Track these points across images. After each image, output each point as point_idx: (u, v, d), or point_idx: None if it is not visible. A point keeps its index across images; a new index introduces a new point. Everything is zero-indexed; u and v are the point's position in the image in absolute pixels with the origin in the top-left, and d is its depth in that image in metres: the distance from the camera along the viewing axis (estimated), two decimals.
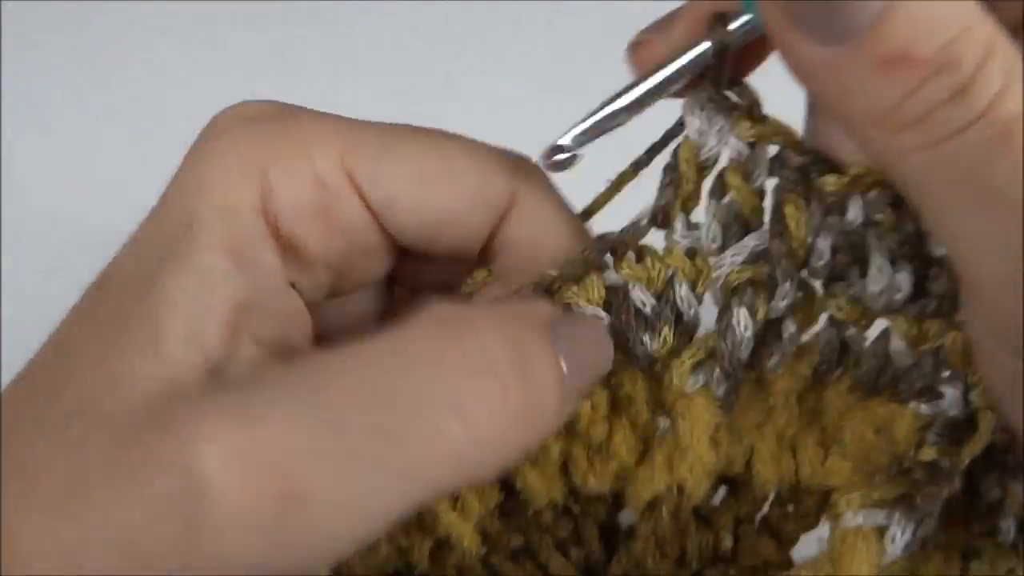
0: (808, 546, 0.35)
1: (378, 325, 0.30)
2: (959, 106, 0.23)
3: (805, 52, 0.25)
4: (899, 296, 0.31)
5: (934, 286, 0.31)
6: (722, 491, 0.36)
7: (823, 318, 0.33)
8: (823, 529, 0.33)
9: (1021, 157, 0.23)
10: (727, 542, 0.35)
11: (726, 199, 0.32)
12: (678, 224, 0.32)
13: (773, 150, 0.32)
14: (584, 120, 0.32)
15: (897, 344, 0.32)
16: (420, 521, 0.33)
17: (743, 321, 0.31)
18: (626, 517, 0.36)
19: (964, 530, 0.33)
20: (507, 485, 0.34)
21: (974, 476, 0.33)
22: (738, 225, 0.32)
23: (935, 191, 0.25)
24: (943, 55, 0.23)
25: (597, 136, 0.32)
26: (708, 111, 0.31)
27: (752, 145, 0.31)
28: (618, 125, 0.32)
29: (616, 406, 0.33)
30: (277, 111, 0.30)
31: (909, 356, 0.32)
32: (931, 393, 0.32)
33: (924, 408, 0.32)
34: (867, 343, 0.33)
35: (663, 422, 0.33)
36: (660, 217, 0.32)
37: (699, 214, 0.33)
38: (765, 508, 0.35)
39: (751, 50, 0.32)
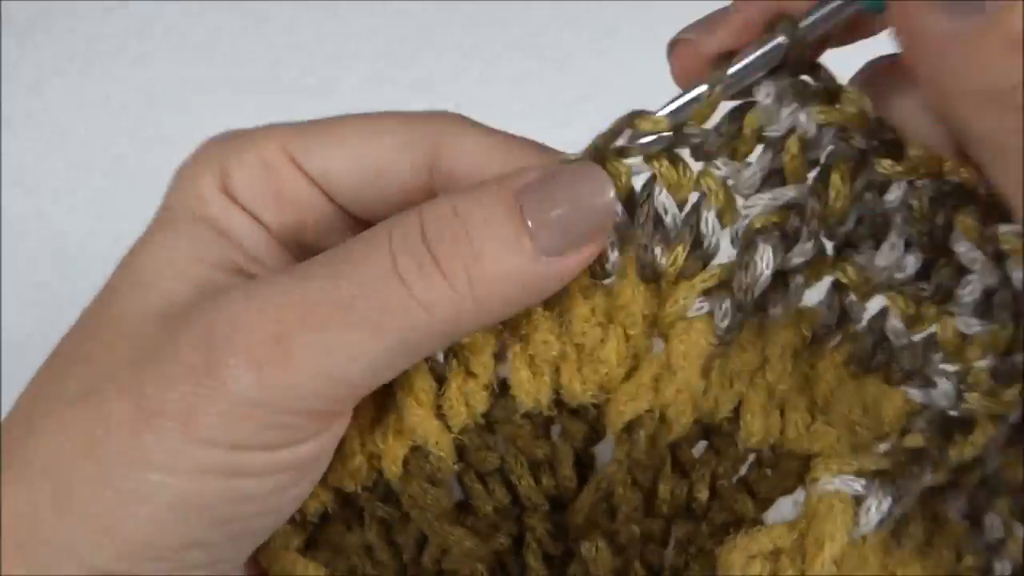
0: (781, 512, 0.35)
1: None
2: None
3: (931, 24, 0.25)
4: (901, 275, 0.32)
5: (937, 275, 0.32)
6: (702, 446, 0.35)
7: (827, 282, 0.33)
8: (799, 497, 0.33)
9: None
10: (702, 494, 0.35)
11: (778, 158, 0.32)
12: (720, 161, 0.32)
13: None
14: (661, 109, 0.32)
15: (894, 322, 0.32)
16: (397, 427, 0.33)
17: (767, 258, 0.31)
18: (603, 454, 0.35)
19: (956, 558, 0.32)
20: (494, 395, 0.34)
21: (978, 507, 0.33)
22: (778, 180, 0.32)
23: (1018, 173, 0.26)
24: None
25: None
26: (782, 91, 0.31)
27: (820, 127, 0.31)
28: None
29: (613, 313, 0.33)
30: (234, 131, 0.36)
31: (904, 336, 0.32)
32: (923, 379, 0.33)
33: (914, 393, 0.32)
34: (865, 319, 0.33)
35: (657, 341, 0.33)
36: (705, 152, 0.32)
37: None
38: (744, 469, 0.35)
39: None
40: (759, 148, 0.32)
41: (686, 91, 0.32)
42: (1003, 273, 0.31)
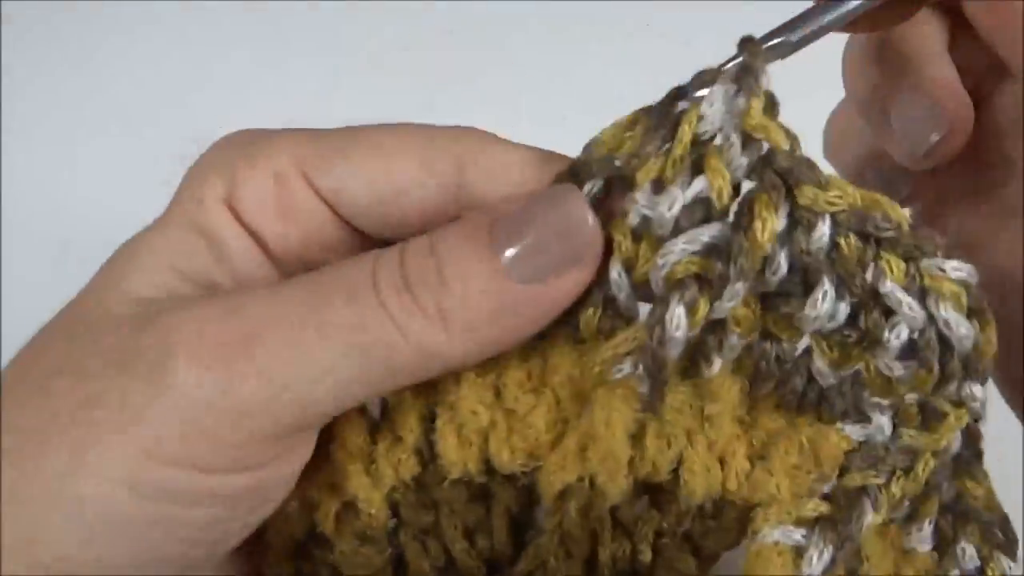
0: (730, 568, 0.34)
1: None
2: None
3: None
4: (831, 325, 0.30)
5: (865, 320, 0.30)
6: (644, 500, 0.33)
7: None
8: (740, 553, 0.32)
9: None
10: (646, 555, 0.33)
11: (699, 180, 0.30)
12: (642, 189, 0.30)
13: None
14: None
15: (819, 364, 0.31)
16: (331, 480, 0.33)
17: (677, 319, 0.29)
18: (541, 515, 0.34)
19: None
20: (423, 459, 0.33)
21: (945, 537, 0.32)
22: (701, 212, 0.30)
23: None
24: None
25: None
26: (730, 94, 0.30)
27: (747, 137, 0.30)
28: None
29: (546, 377, 0.32)
30: (252, 132, 0.35)
31: (829, 376, 0.31)
32: (858, 414, 0.31)
33: (850, 429, 0.31)
34: (794, 359, 0.31)
35: (582, 407, 0.31)
36: (633, 166, 0.31)
37: None
38: (687, 523, 0.33)
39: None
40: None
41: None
42: (928, 311, 0.30)
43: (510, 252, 0.29)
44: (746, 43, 0.31)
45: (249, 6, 0.72)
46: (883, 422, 0.31)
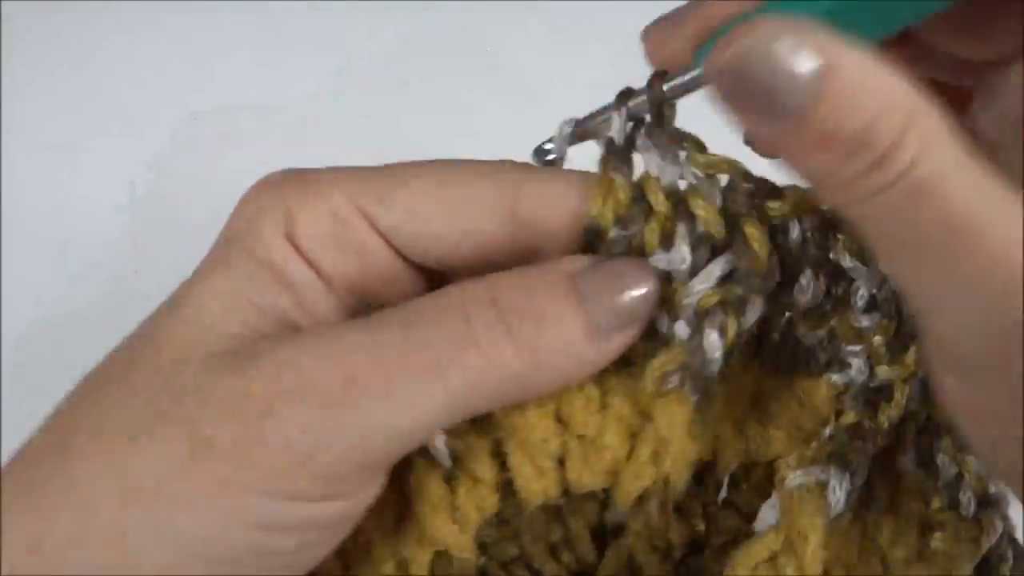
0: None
1: None
2: (877, 174, 0.27)
3: (755, 126, 0.28)
4: (806, 301, 0.35)
5: (836, 290, 0.36)
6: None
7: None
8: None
9: (942, 206, 0.27)
10: (700, 526, 0.37)
11: (692, 224, 0.34)
12: (656, 254, 0.34)
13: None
14: (571, 125, 0.35)
15: (802, 328, 0.36)
16: (418, 534, 0.34)
17: (713, 342, 0.33)
18: (611, 516, 0.38)
19: (923, 506, 0.36)
20: (503, 495, 0.35)
21: (926, 453, 0.37)
22: (706, 248, 0.34)
23: (876, 241, 0.30)
24: (861, 136, 0.26)
25: (582, 140, 0.36)
26: (663, 149, 0.34)
27: (709, 176, 0.34)
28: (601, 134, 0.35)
29: (604, 400, 0.35)
30: (298, 173, 0.36)
31: (811, 337, 0.36)
32: (839, 364, 0.37)
33: (836, 377, 0.37)
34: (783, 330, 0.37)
35: (644, 420, 0.35)
36: (639, 248, 0.34)
37: None
38: (724, 491, 0.38)
39: None
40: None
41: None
42: (882, 275, 0.36)
43: (591, 306, 0.32)
44: (654, 81, 0.34)
45: (249, 6, 0.73)
46: (860, 363, 0.37)
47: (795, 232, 0.35)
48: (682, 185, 0.34)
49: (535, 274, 0.33)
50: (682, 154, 0.34)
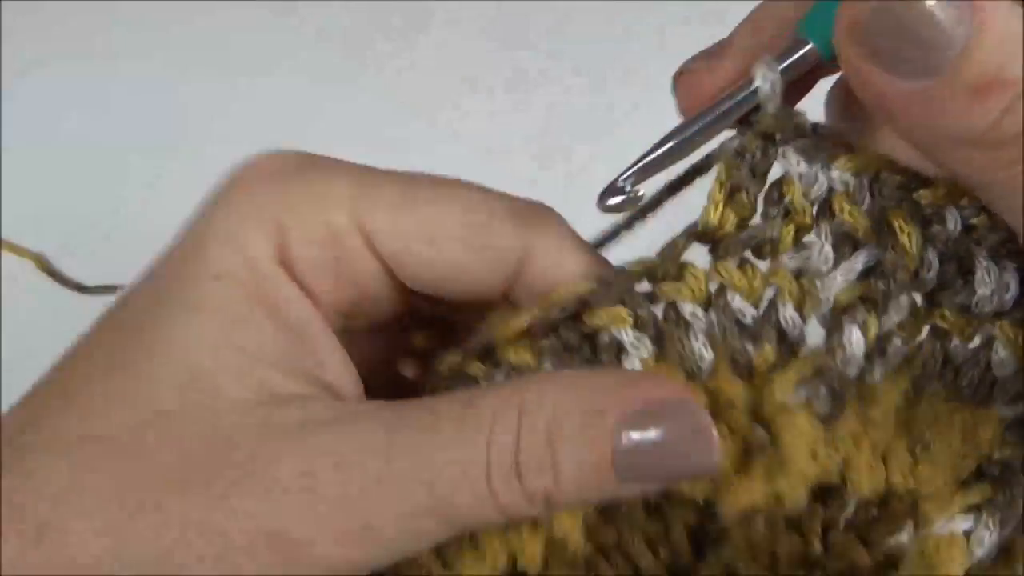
0: None
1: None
2: None
3: (889, 87, 0.26)
4: (1009, 295, 0.31)
5: None
6: (810, 499, 0.35)
7: (926, 330, 0.33)
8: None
9: None
10: (816, 547, 0.35)
11: (836, 221, 0.32)
12: (788, 251, 0.32)
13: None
14: (640, 160, 0.32)
15: (1000, 353, 0.32)
16: (532, 522, 0.33)
17: (855, 340, 0.31)
18: (714, 524, 0.36)
19: None
20: None
21: None
22: (848, 245, 0.32)
23: None
24: None
25: (653, 175, 0.33)
26: (806, 152, 0.31)
27: (856, 175, 0.31)
28: (672, 163, 0.32)
29: (715, 412, 0.33)
30: (295, 164, 0.32)
31: (1011, 365, 0.32)
32: (1018, 397, 0.33)
33: (1006, 411, 0.33)
34: (970, 354, 0.33)
35: (761, 433, 0.33)
36: (766, 248, 0.33)
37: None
38: (850, 512, 0.35)
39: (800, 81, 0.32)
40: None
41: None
42: None
43: (626, 457, 0.29)
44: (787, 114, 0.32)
45: (250, 6, 0.72)
46: None
47: (952, 219, 0.31)
48: (824, 190, 0.32)
49: (570, 418, 0.29)
50: (823, 156, 0.31)
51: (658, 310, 0.33)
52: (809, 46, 0.31)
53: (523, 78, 0.68)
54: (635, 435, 0.29)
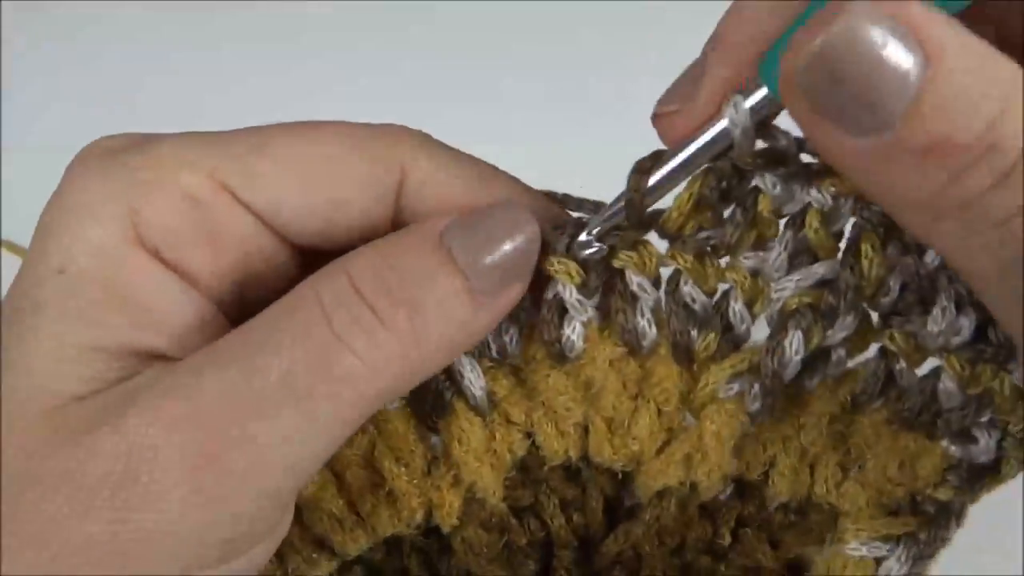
0: None
1: None
2: (1004, 191, 0.22)
3: (837, 143, 0.23)
4: (957, 340, 0.31)
5: (994, 333, 0.31)
6: (729, 490, 0.36)
7: (873, 348, 0.33)
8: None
9: None
10: (726, 539, 0.35)
11: (800, 236, 0.31)
12: (745, 254, 0.32)
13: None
14: (607, 211, 0.31)
15: (947, 384, 0.32)
16: (454, 477, 0.34)
17: (796, 344, 0.31)
18: (628, 497, 0.36)
19: None
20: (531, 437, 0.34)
21: None
22: (806, 257, 0.31)
23: (981, 272, 0.24)
24: (984, 140, 0.22)
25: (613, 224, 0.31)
26: (785, 178, 0.31)
27: (836, 199, 0.30)
28: (649, 206, 0.31)
29: (645, 389, 0.33)
30: (137, 140, 0.30)
31: (957, 398, 0.32)
32: (966, 436, 0.32)
33: (955, 450, 0.32)
34: (915, 379, 0.32)
35: (688, 418, 0.33)
36: (724, 248, 0.32)
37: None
38: (768, 516, 0.35)
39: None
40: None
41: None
42: None
43: (469, 266, 0.28)
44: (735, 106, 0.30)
45: (250, 6, 0.72)
46: (988, 443, 0.32)
47: (932, 255, 0.30)
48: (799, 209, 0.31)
49: (400, 243, 0.28)
50: (809, 180, 0.30)
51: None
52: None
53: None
54: (460, 238, 0.28)
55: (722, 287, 0.32)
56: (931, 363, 0.32)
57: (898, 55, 0.22)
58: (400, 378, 0.28)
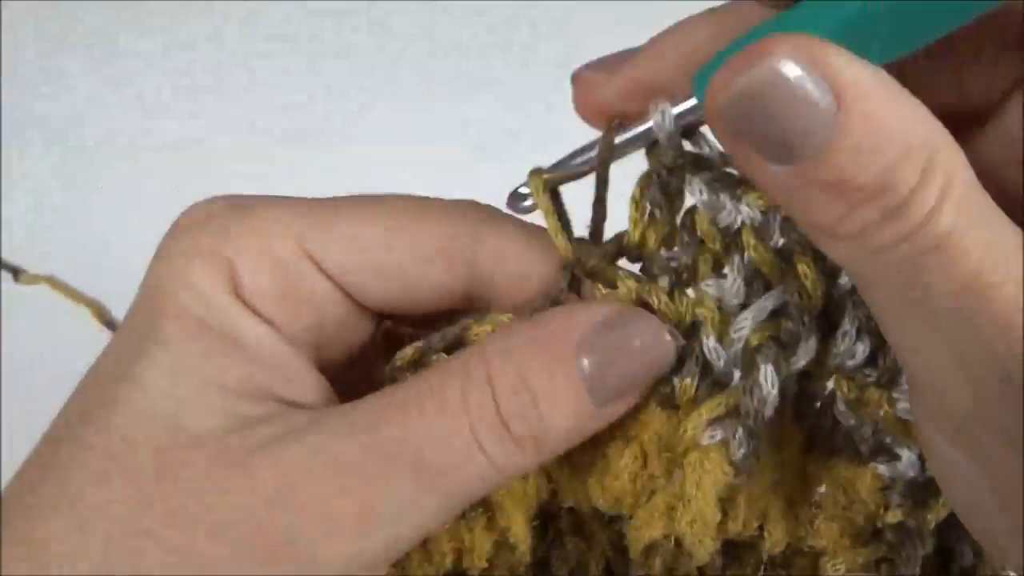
0: None
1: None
2: (892, 224, 0.24)
3: (757, 168, 0.25)
4: (851, 363, 0.32)
5: (883, 359, 0.32)
6: (723, 555, 0.36)
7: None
8: None
9: (955, 267, 0.25)
10: None
11: (746, 257, 0.32)
12: (708, 278, 0.33)
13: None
14: (547, 171, 0.33)
15: (840, 406, 0.33)
16: (487, 520, 0.34)
17: (769, 377, 0.31)
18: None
19: None
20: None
21: (947, 537, 0.34)
22: (760, 281, 0.32)
23: (877, 295, 0.27)
24: (879, 181, 0.24)
25: (556, 186, 0.34)
26: (712, 187, 0.32)
27: (764, 212, 0.32)
28: (580, 177, 0.33)
29: (631, 431, 0.33)
30: (233, 204, 0.33)
31: (851, 418, 0.33)
32: (887, 453, 0.33)
33: (882, 469, 0.33)
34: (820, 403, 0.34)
35: (671, 468, 0.33)
36: (685, 275, 0.33)
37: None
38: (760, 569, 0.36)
39: None
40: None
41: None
42: None
43: (596, 378, 0.31)
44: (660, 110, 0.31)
45: (250, 6, 0.72)
46: (911, 456, 0.33)
47: (845, 276, 0.32)
48: (734, 219, 0.32)
49: (538, 357, 0.31)
50: (736, 190, 0.32)
51: None
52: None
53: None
54: (594, 355, 0.30)
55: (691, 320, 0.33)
56: None
57: (814, 97, 0.23)
58: (513, 479, 0.32)
